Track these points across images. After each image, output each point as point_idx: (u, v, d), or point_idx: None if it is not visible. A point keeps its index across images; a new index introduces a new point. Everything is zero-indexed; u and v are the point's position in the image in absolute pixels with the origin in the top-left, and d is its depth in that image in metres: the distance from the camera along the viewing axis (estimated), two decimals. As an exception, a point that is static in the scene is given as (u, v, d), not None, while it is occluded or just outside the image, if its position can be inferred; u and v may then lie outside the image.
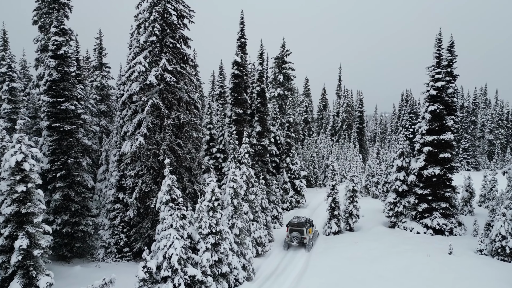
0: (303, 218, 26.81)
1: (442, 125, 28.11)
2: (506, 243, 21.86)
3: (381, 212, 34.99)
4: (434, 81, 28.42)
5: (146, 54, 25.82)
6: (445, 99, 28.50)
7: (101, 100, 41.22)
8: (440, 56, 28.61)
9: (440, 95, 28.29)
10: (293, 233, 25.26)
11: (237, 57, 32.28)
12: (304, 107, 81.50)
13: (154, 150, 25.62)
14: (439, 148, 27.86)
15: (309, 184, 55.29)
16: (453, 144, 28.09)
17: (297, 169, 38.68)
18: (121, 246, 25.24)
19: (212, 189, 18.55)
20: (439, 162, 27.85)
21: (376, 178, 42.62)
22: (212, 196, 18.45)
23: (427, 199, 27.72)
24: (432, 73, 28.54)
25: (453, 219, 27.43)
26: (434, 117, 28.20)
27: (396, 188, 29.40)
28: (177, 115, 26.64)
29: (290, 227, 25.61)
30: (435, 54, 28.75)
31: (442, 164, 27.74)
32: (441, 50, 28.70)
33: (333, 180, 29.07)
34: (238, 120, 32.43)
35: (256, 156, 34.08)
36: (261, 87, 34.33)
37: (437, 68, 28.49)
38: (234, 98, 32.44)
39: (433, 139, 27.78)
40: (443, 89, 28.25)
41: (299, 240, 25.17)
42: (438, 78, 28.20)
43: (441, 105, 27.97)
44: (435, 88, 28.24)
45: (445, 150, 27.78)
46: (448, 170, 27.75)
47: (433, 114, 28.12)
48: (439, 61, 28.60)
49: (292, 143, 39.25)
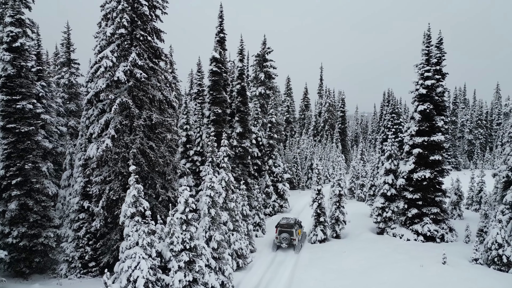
0: (292, 219, 26.88)
1: (432, 126, 26.69)
2: (503, 251, 20.47)
3: (368, 216, 33.45)
4: (423, 79, 26.97)
5: (113, 48, 23.42)
6: (434, 98, 27.11)
7: (69, 98, 38.34)
8: (429, 53, 27.18)
9: (429, 94, 26.87)
10: (282, 234, 25.25)
11: (215, 52, 30.12)
12: (286, 106, 79.85)
13: (123, 153, 23.27)
14: (429, 150, 26.43)
15: (292, 186, 53.59)
16: (444, 145, 26.71)
17: (280, 172, 36.79)
18: (87, 261, 22.79)
19: (185, 199, 16.38)
20: (429, 164, 26.41)
21: (361, 180, 41.13)
22: (185, 207, 16.28)
23: (417, 204, 26.25)
24: (421, 71, 27.09)
25: (444, 224, 26.04)
26: (424, 117, 26.76)
27: (384, 192, 27.85)
28: (149, 115, 24.34)
29: (280, 228, 25.55)
30: (423, 51, 27.32)
31: (432, 167, 26.31)
32: (430, 46, 27.29)
33: (318, 184, 27.28)
34: (217, 121, 30.29)
35: (237, 158, 32.01)
36: (241, 85, 32.26)
37: (426, 66, 27.06)
38: (212, 96, 30.30)
39: (423, 141, 26.32)
40: (432, 87, 26.84)
41: (289, 241, 25.12)
42: (428, 76, 26.76)
43: (431, 104, 26.54)
44: (424, 87, 26.80)
45: (436, 152, 26.36)
46: (439, 173, 26.35)
47: (422, 114, 26.67)
48: (428, 58, 27.18)
49: (275, 144, 37.35)
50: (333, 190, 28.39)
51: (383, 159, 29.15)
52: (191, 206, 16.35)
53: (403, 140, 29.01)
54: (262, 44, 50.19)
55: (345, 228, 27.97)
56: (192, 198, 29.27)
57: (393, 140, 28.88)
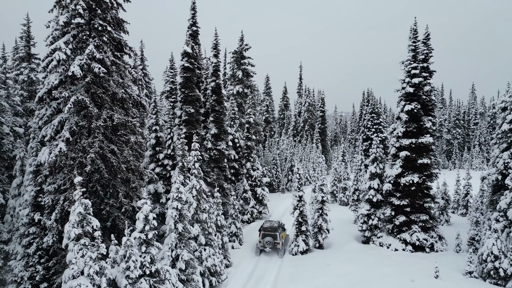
0: (275, 222, 26.29)
1: (420, 127, 24.97)
2: (499, 264, 18.80)
3: (352, 223, 31.62)
4: (410, 77, 25.24)
5: (68, 39, 20.63)
6: (422, 97, 25.40)
7: (29, 96, 35.07)
8: (416, 49, 25.46)
9: (417, 93, 25.15)
10: (266, 238, 24.69)
11: (187, 47, 27.58)
12: (265, 106, 77.69)
13: (79, 158, 20.54)
14: (417, 152, 24.69)
15: (272, 189, 51.46)
16: (432, 148, 25.03)
17: (259, 176, 34.54)
18: (38, 281, 19.98)
19: (145, 215, 13.88)
20: (417, 168, 24.68)
21: (343, 183, 39.32)
22: (145, 225, 13.78)
23: (405, 210, 24.46)
24: (408, 68, 25.34)
25: (433, 232, 24.33)
26: (411, 118, 25.02)
27: (370, 198, 25.98)
28: (110, 115, 21.62)
29: (263, 232, 24.99)
30: (410, 47, 25.58)
31: (420, 171, 24.58)
32: (417, 42, 25.57)
33: (299, 190, 25.14)
34: (190, 121, 27.75)
35: (212, 162, 29.56)
36: (216, 83, 29.81)
37: (413, 63, 25.33)
38: (184, 95, 27.74)
39: (411, 143, 24.57)
40: (420, 86, 25.11)
41: (272, 245, 24.63)
42: (415, 73, 25.03)
43: (419, 104, 24.81)
44: (411, 85, 25.05)
45: (424, 155, 24.66)
46: (428, 178, 24.64)
47: (410, 114, 24.92)
48: (415, 55, 25.45)
49: (253, 146, 35.08)
50: (315, 196, 26.33)
51: (368, 162, 27.29)
52: (152, 223, 13.85)
53: (386, 142, 27.29)
54: (240, 41, 47.83)
55: (328, 237, 25.94)
56: (162, 207, 26.75)
57: (378, 142, 27.04)
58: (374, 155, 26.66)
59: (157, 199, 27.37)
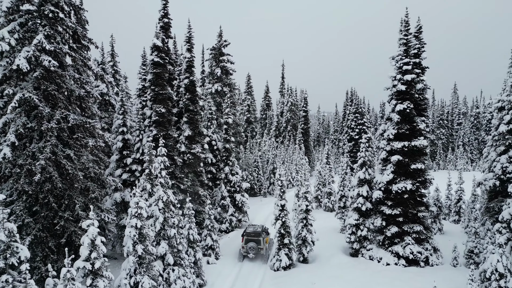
0: (259, 226, 25.71)
1: (413, 129, 22.90)
2: (505, 283, 16.78)
3: (338, 232, 29.44)
4: (402, 74, 23.13)
5: (14, 27, 17.78)
6: (415, 96, 23.35)
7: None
8: (407, 42, 23.37)
9: (409, 91, 23.06)
10: (249, 244, 23.87)
11: (157, 40, 24.86)
12: (246, 106, 75.23)
13: (28, 166, 17.73)
14: (410, 157, 22.60)
15: (253, 193, 49.03)
16: (426, 151, 23.00)
17: (238, 181, 32.00)
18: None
19: (91, 239, 11.20)
20: (410, 174, 22.59)
21: (328, 188, 37.12)
22: (91, 252, 11.11)
23: (397, 220, 22.32)
24: (400, 64, 23.23)
25: (428, 244, 22.28)
26: (403, 118, 22.92)
27: (359, 206, 23.79)
28: (65, 115, 18.84)
29: (246, 237, 24.16)
30: (402, 40, 23.48)
31: (414, 177, 22.50)
32: (409, 35, 23.48)
33: (282, 198, 22.75)
34: (160, 122, 25.03)
35: (186, 167, 26.88)
36: (190, 80, 27.12)
37: (405, 58, 23.23)
38: (154, 93, 25.01)
39: (403, 146, 22.45)
40: (412, 83, 23.06)
41: (256, 250, 23.85)
42: (407, 70, 22.93)
43: (411, 103, 22.73)
44: (403, 82, 22.95)
45: (418, 160, 22.59)
46: (421, 184, 22.57)
47: (402, 114, 22.81)
48: (407, 49, 23.36)
49: (232, 148, 32.52)
50: (299, 205, 24.00)
51: (356, 167, 25.10)
52: (99, 250, 11.19)
53: (370, 142, 25.24)
54: (218, 37, 45.20)
55: (313, 250, 23.62)
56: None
57: (366, 145, 24.88)
58: (363, 159, 24.50)
59: (125, 209, 24.55)
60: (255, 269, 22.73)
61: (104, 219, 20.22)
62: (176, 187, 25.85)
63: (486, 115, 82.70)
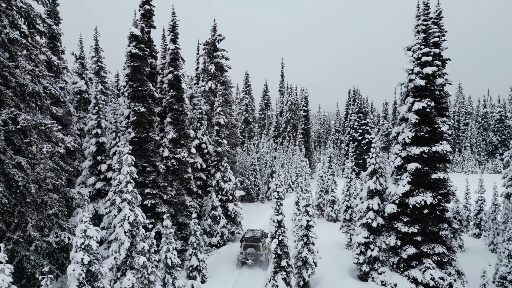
0: (258, 231, 24.69)
1: (434, 131, 19.47)
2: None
3: (343, 248, 26.04)
4: (420, 66, 19.70)
5: None
6: (434, 92, 19.95)
7: None
8: (427, 29, 19.91)
9: (429, 87, 19.65)
10: (248, 250, 23.01)
11: (135, 28, 21.45)
12: (244, 105, 71.83)
13: (-38, 178, 14.41)
14: (430, 165, 19.18)
15: (250, 198, 45.64)
16: (450, 158, 19.58)
17: (231, 188, 28.57)
18: None
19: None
20: (430, 185, 19.17)
21: (331, 196, 33.68)
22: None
23: (415, 240, 18.91)
24: (418, 54, 19.79)
25: (451, 268, 18.85)
26: (422, 119, 19.49)
27: (368, 222, 20.37)
28: (14, 115, 15.52)
29: (245, 242, 23.28)
30: (420, 27, 20.02)
31: (435, 189, 19.08)
32: (428, 20, 20.05)
33: (278, 212, 19.34)
34: (140, 123, 21.64)
35: (169, 174, 23.49)
36: (174, 75, 23.69)
37: (424, 47, 19.78)
38: (132, 89, 21.64)
39: (422, 152, 19.02)
40: (433, 77, 19.65)
41: (255, 257, 22.94)
42: (427, 61, 19.50)
43: (432, 101, 19.31)
44: (422, 76, 19.52)
45: (439, 168, 19.17)
46: (444, 197, 19.15)
47: (420, 114, 19.38)
48: (427, 37, 19.91)
49: (224, 152, 29.08)
50: (299, 220, 20.59)
51: (365, 175, 21.71)
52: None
53: (363, 140, 21.92)
54: (212, 30, 41.77)
55: (315, 273, 20.21)
56: (107, 231, 20.51)
57: (377, 150, 21.48)
58: (373, 166, 21.08)
59: (98, 223, 21.19)
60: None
61: (63, 240, 16.81)
62: (158, 198, 22.47)
63: (494, 115, 79.21)
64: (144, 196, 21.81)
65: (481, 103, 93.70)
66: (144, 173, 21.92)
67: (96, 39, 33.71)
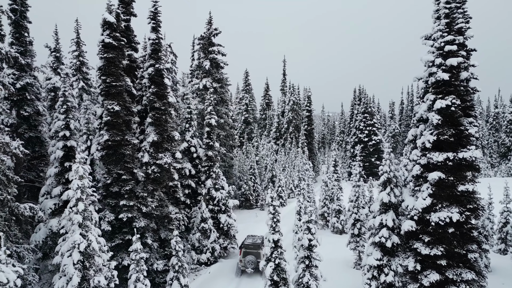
0: (259, 237, 23.84)
1: (459, 134, 16.31)
2: None
3: (351, 266, 22.92)
4: (443, 57, 16.56)
5: None
6: (459, 88, 16.79)
7: None
8: (451, 13, 16.74)
9: (453, 82, 16.50)
10: (247, 257, 22.15)
11: (108, 14, 18.40)
12: (244, 105, 68.76)
13: None
14: (455, 174, 16.01)
15: (248, 205, 42.58)
16: (479, 167, 16.39)
17: (224, 197, 25.49)
18: None
19: None
20: (456, 199, 16.02)
21: (337, 205, 30.50)
22: None
23: (438, 264, 15.77)
24: (439, 43, 16.65)
25: (481, 297, 15.70)
26: (446, 120, 16.33)
27: (382, 241, 17.24)
28: None
29: (244, 249, 22.41)
30: (442, 11, 16.82)
31: (462, 203, 15.92)
32: (452, 2, 16.89)
33: (275, 231, 16.27)
34: (114, 123, 18.64)
35: (150, 182, 20.45)
36: (155, 68, 20.65)
37: (447, 34, 16.64)
38: (106, 85, 18.66)
39: (446, 159, 15.88)
40: (458, 70, 16.50)
41: (255, 265, 21.97)
42: (451, 51, 16.34)
43: (457, 99, 16.16)
44: (446, 69, 16.38)
45: (467, 179, 16.01)
46: (472, 213, 15.99)
47: (443, 114, 16.23)
48: (451, 22, 16.75)
49: (216, 156, 26.04)
50: (299, 238, 17.50)
51: (377, 185, 18.56)
52: None
53: (381, 145, 18.70)
54: (207, 24, 38.82)
55: (319, 301, 17.09)
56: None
57: (390, 156, 18.33)
58: (386, 175, 17.95)
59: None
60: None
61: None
62: (137, 210, 19.44)
63: (506, 116, 75.75)
64: (120, 208, 18.84)
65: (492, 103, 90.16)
66: (119, 181, 18.91)
67: (77, 31, 30.83)
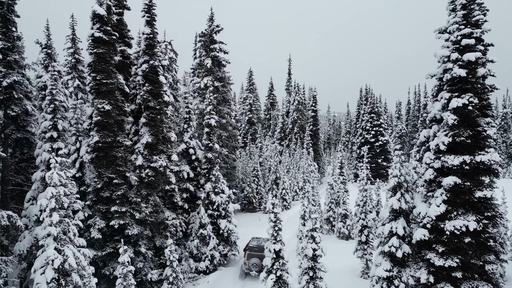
0: (264, 240, 23.48)
1: (477, 136, 14.98)
2: None
3: (358, 275, 21.64)
4: (459, 52, 15.26)
5: None
6: (477, 86, 15.46)
7: None
8: (468, 4, 15.44)
9: (470, 79, 15.18)
10: (252, 260, 21.75)
11: (98, 7, 17.27)
12: (248, 105, 67.57)
13: None
14: (473, 179, 14.69)
15: (251, 208, 41.35)
16: (498, 171, 15.04)
17: (224, 202, 24.29)
18: None
19: None
20: (473, 206, 14.70)
21: (343, 209, 29.17)
22: None
23: (453, 276, 14.45)
24: (456, 36, 15.34)
25: (500, 313, 14.37)
26: (462, 120, 15.01)
27: (392, 251, 15.93)
28: None
29: (249, 251, 22.03)
30: (458, 2, 15.54)
31: (479, 210, 14.59)
32: (469, -6, 15.57)
33: (276, 240, 15.06)
34: (105, 124, 17.53)
35: (144, 187, 19.29)
36: (150, 65, 19.49)
37: (464, 27, 15.32)
38: (96, 82, 17.53)
39: (463, 163, 14.55)
40: (476, 66, 15.18)
41: (260, 267, 21.39)
42: (468, 45, 15.04)
43: (475, 97, 14.84)
44: (462, 65, 15.06)
45: (485, 184, 14.69)
46: (490, 221, 14.65)
47: (459, 114, 14.91)
48: (468, 14, 15.43)
49: (215, 158, 24.85)
50: (303, 247, 16.22)
51: (387, 190, 17.26)
52: None
53: (388, 146, 17.37)
54: (209, 21, 37.67)
55: (323, 316, 15.81)
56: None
57: (401, 159, 17.00)
58: (397, 179, 16.62)
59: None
60: None
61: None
62: (130, 217, 18.31)
63: (516, 116, 73.88)
64: (111, 215, 17.73)
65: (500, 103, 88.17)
66: (111, 186, 17.78)
67: (72, 27, 29.75)
